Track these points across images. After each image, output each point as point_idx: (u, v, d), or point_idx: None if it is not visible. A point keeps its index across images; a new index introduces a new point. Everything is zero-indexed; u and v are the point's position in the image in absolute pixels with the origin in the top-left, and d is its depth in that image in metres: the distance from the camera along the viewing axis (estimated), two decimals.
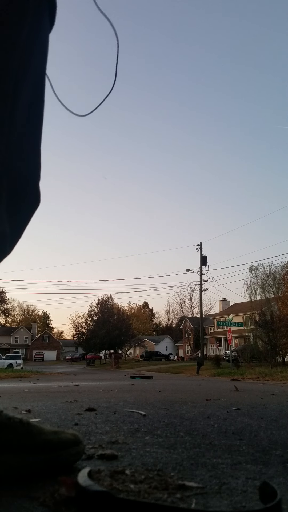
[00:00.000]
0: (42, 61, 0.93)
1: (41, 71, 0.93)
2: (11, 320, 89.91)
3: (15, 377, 12.02)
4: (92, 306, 56.12)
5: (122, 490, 0.82)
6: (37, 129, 0.93)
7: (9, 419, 0.93)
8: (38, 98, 0.93)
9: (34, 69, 0.89)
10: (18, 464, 0.87)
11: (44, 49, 0.93)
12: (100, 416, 2.04)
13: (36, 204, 0.95)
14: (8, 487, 0.83)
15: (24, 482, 0.86)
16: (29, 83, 0.87)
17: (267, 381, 10.11)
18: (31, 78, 0.88)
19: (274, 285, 34.14)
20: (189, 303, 77.21)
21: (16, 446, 0.89)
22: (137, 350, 64.58)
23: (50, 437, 0.95)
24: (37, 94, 0.92)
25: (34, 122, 0.92)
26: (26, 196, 0.91)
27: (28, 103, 0.89)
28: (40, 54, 0.92)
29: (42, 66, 0.93)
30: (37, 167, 0.94)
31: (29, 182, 0.92)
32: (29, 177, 0.91)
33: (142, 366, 33.53)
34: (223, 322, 32.03)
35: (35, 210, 0.96)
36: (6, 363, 30.99)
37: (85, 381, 8.19)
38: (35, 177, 0.93)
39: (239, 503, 0.77)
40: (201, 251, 32.50)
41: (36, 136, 0.93)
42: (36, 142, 0.93)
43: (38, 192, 0.95)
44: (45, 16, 0.92)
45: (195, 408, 2.52)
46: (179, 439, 1.44)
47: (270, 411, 2.46)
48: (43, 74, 0.94)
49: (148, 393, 4.01)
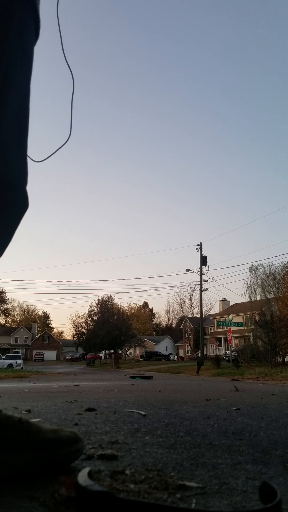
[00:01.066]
0: (27, 73, 0.98)
1: (26, 82, 0.98)
2: (11, 320, 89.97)
3: (15, 377, 12.01)
4: (92, 306, 56.19)
5: (122, 490, 0.82)
6: (22, 137, 0.98)
7: (8, 418, 0.94)
8: (23, 108, 0.98)
9: (19, 80, 0.94)
10: (18, 463, 0.88)
11: (29, 61, 0.98)
12: (100, 416, 2.04)
13: (24, 208, 1.00)
14: (8, 486, 0.83)
15: (24, 481, 0.86)
16: (14, 94, 0.92)
17: (267, 381, 10.11)
18: (16, 88, 0.93)
19: (274, 285, 34.14)
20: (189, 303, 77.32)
21: (16, 444, 0.89)
22: (137, 350, 64.59)
23: (49, 435, 0.96)
24: (22, 105, 0.97)
25: (20, 131, 0.97)
26: (14, 200, 0.96)
27: (13, 113, 0.93)
28: (25, 66, 0.97)
29: (27, 77, 0.98)
30: (24, 172, 0.99)
31: (16, 187, 0.96)
32: (15, 182, 0.96)
33: (142, 366, 33.53)
34: (223, 322, 32.02)
35: (23, 213, 1.00)
36: (6, 363, 31.00)
37: (85, 381, 8.19)
38: (21, 182, 0.98)
39: (239, 503, 0.77)
40: (201, 251, 32.51)
41: (22, 144, 0.98)
42: (22, 149, 0.98)
43: (25, 196, 1.00)
44: (31, 29, 0.97)
45: (195, 408, 2.52)
46: (179, 439, 1.44)
47: (270, 411, 2.46)
48: (28, 85, 0.99)
49: (148, 393, 4.01)
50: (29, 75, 0.98)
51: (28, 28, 0.95)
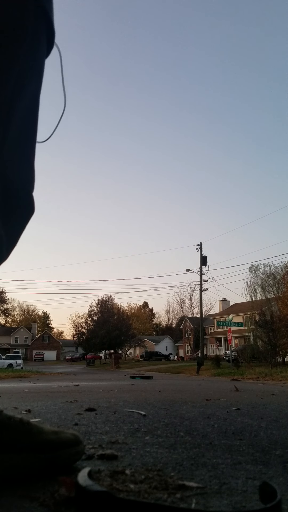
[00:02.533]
0: (37, 83, 1.01)
1: (36, 91, 1.01)
2: (11, 320, 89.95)
3: (15, 377, 12.02)
4: (92, 306, 56.17)
5: (122, 490, 0.82)
6: (30, 145, 1.01)
7: (9, 418, 0.94)
8: (32, 116, 1.00)
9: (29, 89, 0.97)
10: (18, 464, 0.88)
11: (40, 72, 1.01)
12: (100, 416, 2.04)
13: (31, 212, 1.03)
14: (8, 487, 0.83)
15: (24, 482, 0.86)
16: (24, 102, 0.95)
17: (267, 381, 10.11)
18: (26, 97, 0.96)
19: (274, 285, 34.10)
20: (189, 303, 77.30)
21: (16, 445, 0.89)
22: (137, 350, 64.55)
23: (50, 436, 0.96)
24: (31, 113, 1.00)
25: (28, 139, 1.00)
26: (21, 204, 0.99)
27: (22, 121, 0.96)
28: (36, 76, 0.99)
29: (37, 86, 1.01)
30: (31, 178, 1.02)
31: (23, 193, 0.99)
32: (23, 188, 0.99)
33: (142, 366, 33.52)
34: (223, 322, 32.03)
35: (30, 217, 1.03)
36: (6, 363, 31.01)
37: (85, 381, 8.19)
38: (28, 187, 1.01)
39: (239, 503, 0.77)
40: (201, 251, 32.51)
41: (30, 151, 1.01)
42: (29, 156, 1.01)
43: (32, 201, 1.02)
44: (43, 41, 0.99)
45: (195, 408, 2.52)
46: (179, 439, 1.44)
47: (270, 411, 2.46)
48: (38, 94, 1.02)
49: (148, 393, 4.01)
50: (39, 85, 1.01)
51: (40, 40, 0.97)
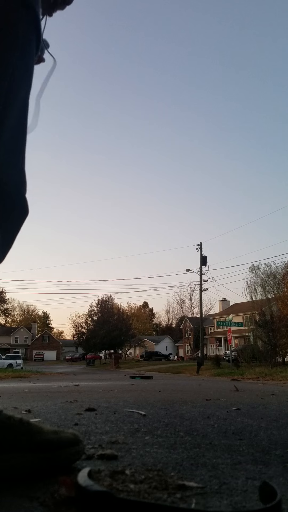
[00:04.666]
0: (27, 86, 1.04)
1: (26, 95, 1.03)
2: (11, 320, 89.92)
3: (15, 377, 12.01)
4: (92, 306, 56.10)
5: (122, 490, 0.82)
6: (21, 148, 1.03)
7: (9, 418, 0.94)
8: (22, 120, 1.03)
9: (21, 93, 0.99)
10: (18, 463, 0.88)
11: (30, 76, 1.04)
12: (100, 416, 2.04)
13: (25, 214, 1.04)
14: (8, 486, 0.83)
15: (24, 481, 0.86)
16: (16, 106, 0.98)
17: (267, 381, 10.11)
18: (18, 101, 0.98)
19: (275, 285, 34.08)
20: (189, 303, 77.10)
21: (16, 445, 0.89)
22: (137, 350, 64.55)
23: (50, 436, 0.96)
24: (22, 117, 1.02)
25: (19, 142, 1.02)
26: (15, 207, 1.00)
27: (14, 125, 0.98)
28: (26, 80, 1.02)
29: (26, 90, 1.03)
30: (23, 180, 1.03)
31: (16, 196, 1.00)
32: (16, 191, 1.00)
33: (142, 366, 33.52)
34: (223, 322, 32.03)
35: (24, 219, 1.04)
36: (6, 363, 31.00)
37: (85, 381, 8.19)
38: (21, 190, 1.02)
39: (239, 503, 0.77)
40: (201, 251, 32.50)
41: (21, 154, 1.02)
42: (20, 159, 1.02)
43: (25, 203, 1.04)
44: (33, 46, 1.03)
45: (195, 408, 2.52)
46: (179, 439, 1.44)
47: (270, 411, 2.46)
48: (27, 98, 1.04)
49: (148, 393, 4.01)
50: (29, 89, 1.04)
51: (31, 46, 1.02)
